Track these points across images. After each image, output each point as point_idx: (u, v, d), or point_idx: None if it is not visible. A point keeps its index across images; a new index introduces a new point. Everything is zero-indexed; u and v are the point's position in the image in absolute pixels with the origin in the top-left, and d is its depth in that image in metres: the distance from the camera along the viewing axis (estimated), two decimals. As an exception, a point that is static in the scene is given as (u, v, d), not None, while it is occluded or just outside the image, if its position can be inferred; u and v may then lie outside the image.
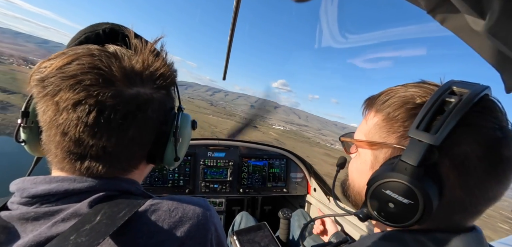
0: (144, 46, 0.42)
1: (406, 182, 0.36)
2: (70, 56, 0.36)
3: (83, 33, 0.44)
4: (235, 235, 1.11)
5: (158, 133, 0.44)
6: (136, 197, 0.43)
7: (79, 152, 0.38)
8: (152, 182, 1.66)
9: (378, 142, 0.43)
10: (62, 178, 0.39)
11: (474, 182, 0.35)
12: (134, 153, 0.43)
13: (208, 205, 0.47)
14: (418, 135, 0.35)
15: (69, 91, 0.34)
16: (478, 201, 0.36)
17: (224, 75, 1.09)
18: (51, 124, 0.37)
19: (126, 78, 0.37)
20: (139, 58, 0.41)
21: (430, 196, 0.34)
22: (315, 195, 1.88)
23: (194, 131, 0.55)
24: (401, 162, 0.36)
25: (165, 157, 0.47)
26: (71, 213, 0.36)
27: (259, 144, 1.96)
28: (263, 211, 2.18)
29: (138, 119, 0.39)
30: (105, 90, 0.35)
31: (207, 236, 0.43)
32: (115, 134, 0.38)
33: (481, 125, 0.35)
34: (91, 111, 0.35)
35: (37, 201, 0.37)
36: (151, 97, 0.41)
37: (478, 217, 0.38)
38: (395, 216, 0.39)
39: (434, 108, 0.36)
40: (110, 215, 0.35)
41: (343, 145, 0.53)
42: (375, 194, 0.40)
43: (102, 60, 0.36)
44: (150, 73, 0.41)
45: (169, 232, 0.39)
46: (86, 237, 0.32)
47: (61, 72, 0.35)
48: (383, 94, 0.44)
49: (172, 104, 0.48)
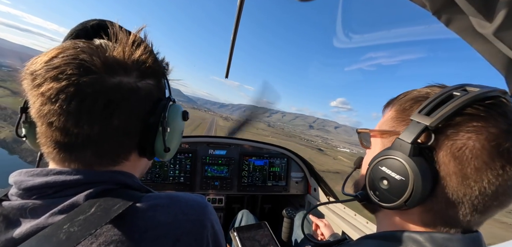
0: (126, 37, 0.43)
1: (398, 157, 0.38)
2: (56, 49, 0.38)
3: (74, 31, 0.45)
4: (235, 232, 1.12)
5: (146, 123, 0.44)
6: (134, 191, 0.44)
7: (65, 141, 0.39)
8: (152, 178, 1.66)
9: (387, 130, 0.45)
10: (59, 170, 0.39)
11: (470, 171, 0.35)
12: (122, 142, 0.43)
13: (205, 202, 0.47)
14: (417, 118, 0.37)
15: (52, 82, 0.36)
16: (473, 192, 0.35)
17: (227, 73, 1.09)
18: (39, 115, 0.38)
19: (107, 67, 0.38)
20: (119, 48, 0.41)
21: (420, 174, 0.36)
22: (315, 194, 1.88)
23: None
24: (398, 140, 0.39)
25: (155, 148, 0.47)
26: (68, 205, 0.37)
27: (260, 142, 1.97)
28: (262, 210, 2.19)
29: (122, 108, 0.39)
30: (84, 79, 0.36)
31: (204, 232, 0.43)
32: (98, 121, 0.38)
33: (485, 117, 0.35)
34: (72, 99, 0.36)
35: (34, 193, 0.38)
36: (136, 87, 0.41)
37: (475, 215, 0.37)
38: (387, 193, 0.40)
39: (440, 99, 0.37)
40: (105, 207, 0.36)
41: (360, 138, 0.54)
42: (372, 172, 0.43)
43: (84, 51, 0.38)
44: (133, 63, 0.42)
45: (165, 227, 0.39)
46: (79, 227, 0.33)
47: (47, 65, 0.36)
48: (401, 94, 0.46)
49: (161, 95, 0.48)
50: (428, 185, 0.37)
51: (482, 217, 0.37)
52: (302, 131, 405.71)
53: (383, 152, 0.42)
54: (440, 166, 0.37)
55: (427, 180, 0.36)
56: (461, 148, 0.35)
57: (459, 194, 0.36)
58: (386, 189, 0.40)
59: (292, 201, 2.14)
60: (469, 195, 0.35)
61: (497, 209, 0.37)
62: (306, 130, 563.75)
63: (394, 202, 0.39)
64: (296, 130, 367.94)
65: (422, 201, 0.37)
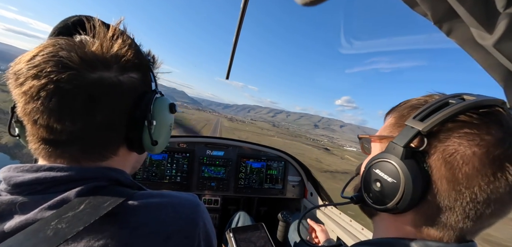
0: (104, 31, 0.43)
1: (391, 160, 0.39)
2: (38, 48, 0.38)
3: (56, 28, 0.45)
4: (231, 232, 1.12)
5: (131, 117, 0.44)
6: (126, 188, 0.44)
7: (51, 138, 0.39)
8: (149, 177, 1.65)
9: (385, 135, 0.46)
10: (50, 166, 0.39)
11: (461, 176, 0.35)
12: (108, 137, 0.43)
13: (197, 200, 0.47)
14: (411, 123, 0.39)
15: (33, 80, 0.36)
16: (465, 198, 0.35)
17: (227, 75, 1.09)
18: (24, 114, 0.38)
19: (85, 63, 0.38)
20: (97, 43, 0.41)
21: (411, 176, 0.37)
22: (311, 199, 1.88)
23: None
24: (391, 143, 0.40)
25: (143, 142, 0.47)
26: (58, 200, 0.37)
27: (258, 144, 1.97)
28: (258, 212, 2.18)
29: (104, 103, 0.39)
30: (63, 75, 0.36)
31: (195, 230, 0.43)
32: (79, 117, 0.38)
33: (477, 125, 0.35)
34: (52, 97, 0.36)
35: (24, 189, 0.38)
36: (117, 81, 0.41)
37: (467, 223, 0.37)
38: (379, 196, 0.41)
39: (436, 106, 0.38)
40: (94, 204, 0.36)
41: (361, 144, 0.55)
42: (367, 174, 0.44)
43: (63, 48, 0.38)
44: (112, 57, 0.41)
45: (156, 225, 0.39)
46: (67, 224, 0.33)
47: (28, 64, 0.36)
48: (402, 102, 0.47)
49: (146, 88, 0.47)
50: (419, 188, 0.37)
51: (475, 225, 0.37)
52: (307, 130, 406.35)
53: (377, 155, 0.43)
54: (432, 170, 0.37)
55: (418, 183, 0.37)
56: (453, 154, 0.35)
57: (450, 199, 0.36)
58: (379, 191, 0.41)
59: (288, 204, 2.13)
60: (460, 201, 0.36)
61: (491, 218, 0.37)
62: (311, 129, 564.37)
63: (386, 204, 0.40)
64: (301, 130, 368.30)
65: (414, 204, 0.38)
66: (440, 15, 0.38)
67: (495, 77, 0.40)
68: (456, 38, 0.40)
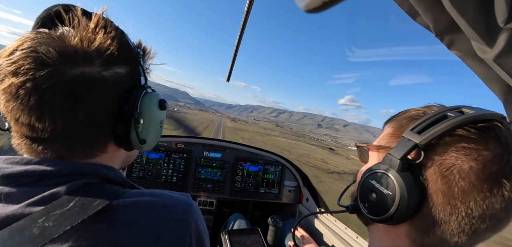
0: (86, 23, 0.40)
1: (386, 172, 0.39)
2: (18, 42, 0.37)
3: (39, 19, 0.43)
4: (226, 235, 1.11)
5: (117, 114, 0.42)
6: (117, 186, 0.43)
7: (33, 136, 0.38)
8: (145, 176, 1.64)
9: (383, 145, 0.46)
10: (40, 160, 0.38)
11: (457, 191, 0.35)
12: (93, 135, 0.42)
13: (190, 201, 0.46)
14: (409, 135, 0.39)
15: (12, 77, 0.35)
16: (460, 213, 0.35)
17: (228, 77, 1.09)
18: (6, 111, 0.37)
19: (65, 59, 0.36)
20: (78, 36, 0.39)
21: (406, 189, 0.37)
22: (307, 205, 1.87)
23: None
24: (388, 155, 0.41)
25: (131, 140, 0.45)
26: (46, 196, 0.36)
27: (256, 148, 1.96)
28: (253, 216, 2.17)
29: (85, 100, 0.38)
30: (41, 73, 0.35)
31: (187, 231, 0.42)
32: (60, 115, 0.37)
33: (475, 140, 0.35)
34: (31, 95, 0.35)
35: (12, 181, 0.37)
36: (100, 77, 0.39)
37: (462, 237, 0.37)
38: (375, 206, 0.41)
39: (434, 118, 0.39)
40: (84, 203, 0.35)
41: (359, 152, 0.55)
42: (363, 185, 0.44)
43: (41, 43, 0.36)
44: (93, 51, 0.39)
45: (146, 224, 0.38)
46: (54, 223, 0.32)
47: (8, 60, 0.35)
48: (401, 112, 0.48)
49: (134, 83, 0.45)
50: (415, 201, 0.37)
51: (470, 240, 0.37)
52: (311, 130, 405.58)
53: (374, 166, 0.43)
54: (428, 184, 0.37)
55: (414, 196, 0.37)
56: (449, 168, 0.35)
57: (446, 213, 0.36)
58: (374, 202, 0.41)
59: (284, 209, 2.12)
60: (455, 215, 0.35)
61: (486, 233, 0.36)
62: (314, 128, 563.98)
63: (381, 215, 0.40)
64: (305, 129, 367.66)
65: (409, 217, 0.38)
66: (441, 27, 0.38)
67: (495, 91, 0.40)
68: (457, 51, 0.40)
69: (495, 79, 0.39)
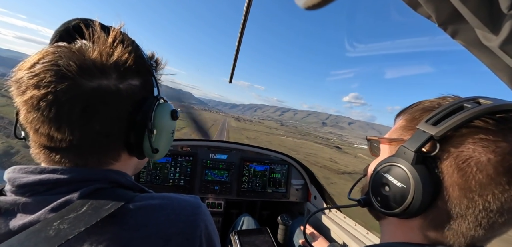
0: (105, 37, 0.42)
1: (401, 165, 0.38)
2: (38, 55, 0.38)
3: (57, 33, 0.45)
4: (236, 235, 1.12)
5: (131, 124, 0.44)
6: (127, 190, 0.44)
7: (51, 145, 0.40)
8: (152, 180, 1.66)
9: (395, 138, 0.45)
10: (53, 169, 0.40)
11: (474, 184, 0.34)
12: (108, 145, 0.43)
13: (198, 202, 0.47)
14: (423, 127, 0.37)
15: (34, 90, 0.36)
16: (477, 206, 0.34)
17: (231, 78, 1.09)
18: (26, 122, 0.39)
19: (83, 71, 0.38)
20: (97, 50, 0.40)
21: (421, 182, 0.36)
22: (315, 202, 1.86)
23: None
24: (402, 147, 0.39)
25: (144, 149, 0.46)
26: (61, 202, 0.37)
27: (261, 148, 1.96)
28: (261, 216, 2.17)
29: (101, 112, 0.39)
30: (61, 86, 0.36)
31: (196, 232, 0.43)
32: (77, 127, 0.38)
33: (494, 131, 0.34)
34: (52, 107, 0.36)
35: (27, 191, 0.38)
36: (116, 89, 0.40)
37: (479, 231, 0.36)
38: (388, 200, 0.40)
39: (449, 110, 0.37)
40: (96, 206, 0.37)
41: (369, 145, 0.54)
42: (376, 178, 0.43)
43: (62, 56, 0.37)
44: (111, 65, 0.40)
45: (156, 227, 0.39)
46: (69, 225, 0.34)
47: (29, 72, 0.37)
48: (414, 104, 0.46)
49: (147, 94, 0.47)
50: (429, 194, 0.36)
51: (487, 234, 0.36)
52: (316, 128, 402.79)
53: (387, 158, 0.42)
54: (444, 177, 0.36)
55: (429, 189, 0.36)
56: (466, 160, 0.34)
57: (462, 206, 0.35)
58: (387, 195, 0.40)
59: (292, 208, 2.12)
60: (472, 208, 0.34)
61: (503, 227, 0.35)
62: (319, 127, 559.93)
63: (395, 209, 0.39)
64: (309, 128, 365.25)
65: (423, 210, 0.37)
66: (444, 17, 0.38)
67: (503, 79, 0.39)
68: (461, 40, 0.39)
69: (502, 67, 0.38)
